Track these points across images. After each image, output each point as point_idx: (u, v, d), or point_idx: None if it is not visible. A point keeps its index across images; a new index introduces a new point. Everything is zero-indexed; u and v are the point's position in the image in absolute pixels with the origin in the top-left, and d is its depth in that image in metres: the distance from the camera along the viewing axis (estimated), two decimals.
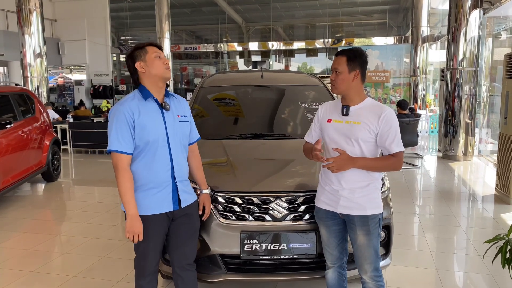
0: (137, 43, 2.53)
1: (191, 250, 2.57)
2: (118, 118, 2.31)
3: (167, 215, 2.43)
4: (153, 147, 2.35)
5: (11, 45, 13.51)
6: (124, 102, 2.37)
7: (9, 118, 6.21)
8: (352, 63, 2.42)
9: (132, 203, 2.30)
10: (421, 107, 14.36)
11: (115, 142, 2.30)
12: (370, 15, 19.43)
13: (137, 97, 2.38)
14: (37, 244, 4.49)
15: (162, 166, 2.39)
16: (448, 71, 8.94)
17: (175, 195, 2.44)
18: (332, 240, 2.60)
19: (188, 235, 2.53)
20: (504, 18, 9.50)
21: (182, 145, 2.50)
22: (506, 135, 5.83)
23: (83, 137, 10.14)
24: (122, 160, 2.30)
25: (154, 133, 2.35)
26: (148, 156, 2.36)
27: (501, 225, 4.93)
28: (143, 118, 2.33)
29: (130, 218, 2.30)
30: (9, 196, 6.44)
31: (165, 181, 2.40)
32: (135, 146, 2.34)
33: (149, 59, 2.36)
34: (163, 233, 2.45)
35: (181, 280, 2.55)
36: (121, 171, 2.30)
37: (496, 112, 8.82)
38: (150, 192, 2.37)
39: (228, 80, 4.78)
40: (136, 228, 2.30)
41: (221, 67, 19.80)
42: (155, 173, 2.37)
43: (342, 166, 2.37)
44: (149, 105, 2.38)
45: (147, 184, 2.37)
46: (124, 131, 2.30)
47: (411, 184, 7.10)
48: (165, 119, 2.41)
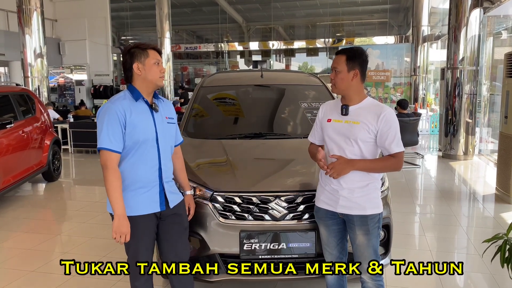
0: (139, 41, 2.52)
1: (184, 249, 2.57)
2: (110, 117, 2.29)
3: (155, 215, 2.43)
4: (142, 147, 2.36)
5: (12, 45, 13.52)
6: (115, 101, 2.36)
7: (10, 118, 6.21)
8: (352, 62, 2.41)
9: (120, 202, 2.28)
10: (422, 107, 14.35)
11: (105, 140, 2.28)
12: (370, 15, 19.42)
13: (127, 97, 2.38)
14: (37, 243, 4.50)
15: (150, 166, 2.39)
16: (448, 70, 8.93)
17: (162, 195, 2.44)
18: (331, 239, 2.60)
19: (178, 235, 2.53)
20: (505, 17, 9.49)
21: (170, 146, 2.52)
22: (507, 134, 5.83)
23: (83, 137, 10.15)
24: (111, 159, 2.29)
25: (144, 132, 2.35)
26: (137, 156, 2.36)
27: (501, 224, 4.93)
28: (135, 118, 2.33)
29: (118, 218, 2.27)
30: (9, 196, 6.45)
31: (153, 181, 2.40)
32: (124, 145, 2.33)
33: (148, 63, 2.36)
34: (152, 233, 2.45)
35: (177, 280, 2.55)
36: (110, 170, 2.28)
37: (497, 111, 8.80)
38: (137, 192, 2.37)
39: (228, 79, 4.78)
40: (123, 228, 2.28)
41: (222, 67, 19.80)
42: (143, 173, 2.37)
43: (341, 170, 2.37)
44: (139, 105, 2.38)
45: (134, 183, 2.36)
46: (115, 130, 2.29)
47: (412, 183, 7.09)
48: (155, 120, 2.41)
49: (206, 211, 2.84)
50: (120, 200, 2.28)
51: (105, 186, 2.30)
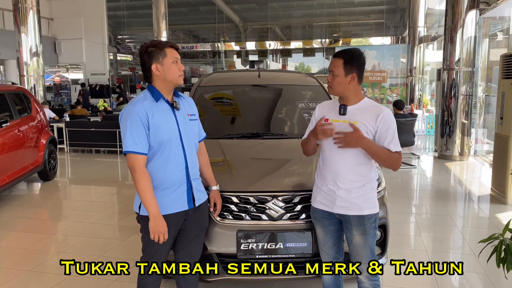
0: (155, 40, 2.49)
1: (198, 249, 2.57)
2: (132, 119, 2.27)
3: (182, 214, 2.43)
4: (167, 146, 2.34)
5: (8, 43, 13.47)
6: (136, 102, 2.33)
7: (5, 117, 6.19)
8: (349, 66, 2.41)
9: (153, 202, 2.27)
10: (418, 107, 14.41)
11: (130, 143, 2.26)
12: (367, 15, 19.48)
13: (148, 98, 2.36)
14: (33, 243, 4.48)
15: (177, 165, 2.38)
16: (444, 72, 8.97)
17: (190, 193, 2.44)
18: (328, 239, 2.60)
19: (197, 234, 2.54)
20: (500, 19, 9.55)
21: (194, 143, 2.51)
22: (502, 135, 5.86)
23: (79, 136, 10.12)
24: (138, 161, 2.27)
25: (168, 132, 2.34)
26: (163, 156, 2.34)
27: (496, 224, 4.95)
28: (157, 118, 2.31)
29: (154, 218, 2.27)
30: (5, 195, 6.42)
31: (180, 180, 2.40)
32: (149, 146, 2.32)
33: (167, 63, 2.33)
34: (176, 231, 2.45)
35: (183, 278, 2.55)
36: (138, 172, 2.27)
37: (492, 112, 8.85)
38: (166, 192, 2.37)
39: (225, 79, 4.78)
40: (160, 227, 2.28)
41: (219, 67, 19.80)
42: (171, 173, 2.36)
43: (349, 142, 2.35)
44: (160, 105, 2.36)
45: (162, 184, 2.36)
46: (139, 132, 2.27)
47: (408, 184, 7.12)
48: (177, 119, 2.40)
49: None
50: (153, 200, 2.28)
51: (136, 188, 2.28)
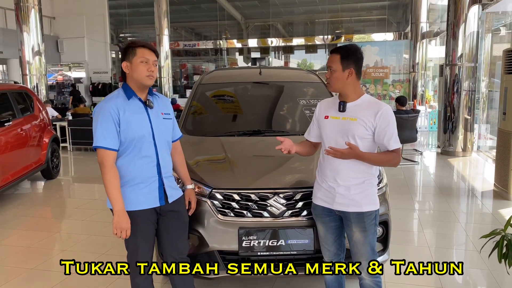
0: (136, 39, 2.53)
1: (183, 244, 2.59)
2: (103, 115, 2.33)
3: (155, 210, 2.45)
4: (139, 143, 2.38)
5: (10, 42, 13.49)
6: (109, 99, 2.39)
7: (8, 116, 6.21)
8: (346, 61, 2.41)
9: (118, 199, 2.31)
10: (421, 103, 14.36)
11: (100, 139, 2.32)
12: (369, 11, 19.37)
13: (121, 95, 2.41)
14: (36, 241, 4.51)
15: (148, 162, 2.41)
16: (447, 67, 8.93)
17: (162, 190, 2.46)
18: (329, 236, 2.60)
19: (178, 230, 2.55)
20: (503, 14, 9.49)
21: (167, 141, 2.54)
22: (505, 130, 5.83)
23: (82, 134, 10.13)
24: (107, 156, 2.32)
25: (139, 130, 2.37)
26: (134, 152, 2.38)
27: (499, 220, 4.94)
28: (128, 115, 2.35)
29: (117, 214, 2.31)
30: (8, 194, 6.45)
31: (152, 176, 2.43)
32: (120, 142, 2.35)
33: (135, 62, 2.37)
34: (152, 228, 2.47)
35: (179, 278, 2.55)
36: (106, 168, 2.31)
37: (495, 107, 8.82)
38: (137, 187, 2.39)
39: (226, 77, 4.77)
40: (123, 224, 2.31)
41: (221, 64, 19.76)
42: (141, 169, 2.39)
43: (344, 156, 2.37)
44: (133, 103, 2.40)
45: (133, 179, 2.39)
46: (109, 128, 2.31)
47: (410, 180, 7.10)
48: (150, 117, 2.43)
49: (205, 208, 2.85)
50: (118, 196, 2.31)
51: (104, 183, 2.33)
